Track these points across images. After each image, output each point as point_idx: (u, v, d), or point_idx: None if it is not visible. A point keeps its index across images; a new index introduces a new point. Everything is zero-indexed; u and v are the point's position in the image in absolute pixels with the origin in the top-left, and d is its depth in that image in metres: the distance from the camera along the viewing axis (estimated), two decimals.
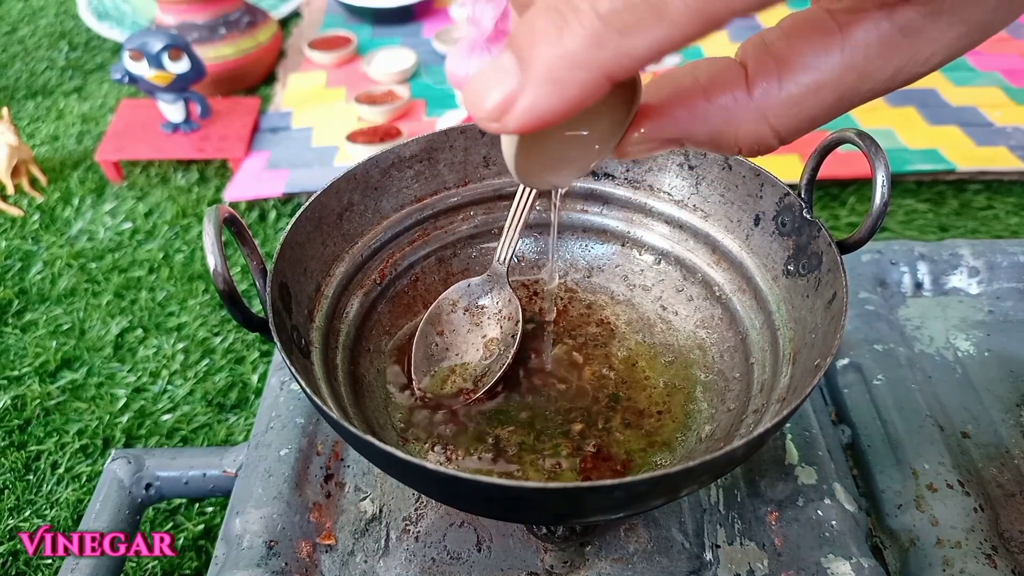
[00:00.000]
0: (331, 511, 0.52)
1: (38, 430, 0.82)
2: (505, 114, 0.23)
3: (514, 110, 0.23)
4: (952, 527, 0.50)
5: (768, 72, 0.24)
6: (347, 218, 0.51)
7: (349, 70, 1.41)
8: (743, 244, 0.51)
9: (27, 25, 1.71)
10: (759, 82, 0.24)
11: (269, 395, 0.60)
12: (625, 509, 0.38)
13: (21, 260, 1.06)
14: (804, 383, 0.40)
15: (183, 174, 1.21)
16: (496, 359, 0.52)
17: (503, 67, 0.23)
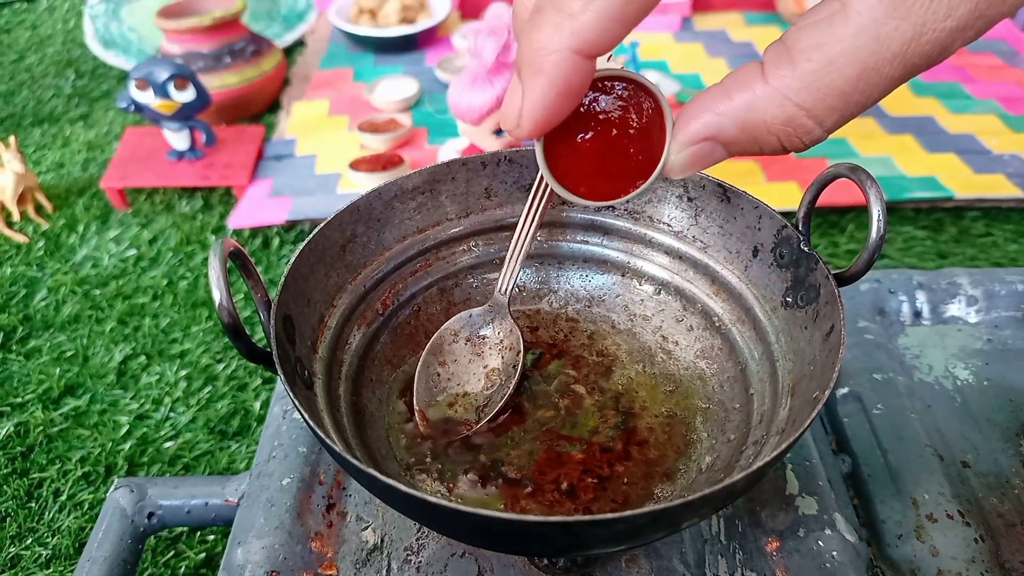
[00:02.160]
0: (333, 541, 0.53)
1: (41, 457, 0.83)
2: (521, 118, 0.28)
3: (524, 112, 0.28)
4: (953, 558, 0.50)
5: (780, 58, 0.26)
6: (350, 249, 0.52)
7: (352, 98, 1.43)
8: (742, 275, 0.51)
9: (34, 53, 1.73)
10: (773, 69, 0.26)
11: (272, 424, 0.60)
12: (626, 542, 0.38)
13: (26, 287, 1.06)
14: (803, 415, 0.40)
15: (187, 201, 1.22)
16: (498, 389, 0.52)
17: (513, 85, 0.28)
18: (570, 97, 0.28)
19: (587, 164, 0.32)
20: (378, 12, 1.60)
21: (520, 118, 0.28)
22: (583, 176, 0.33)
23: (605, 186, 0.33)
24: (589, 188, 0.33)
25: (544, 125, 0.28)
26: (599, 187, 0.33)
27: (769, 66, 0.26)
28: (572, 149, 0.32)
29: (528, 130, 0.28)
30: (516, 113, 0.28)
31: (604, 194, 0.34)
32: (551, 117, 0.28)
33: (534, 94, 0.27)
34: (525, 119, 0.28)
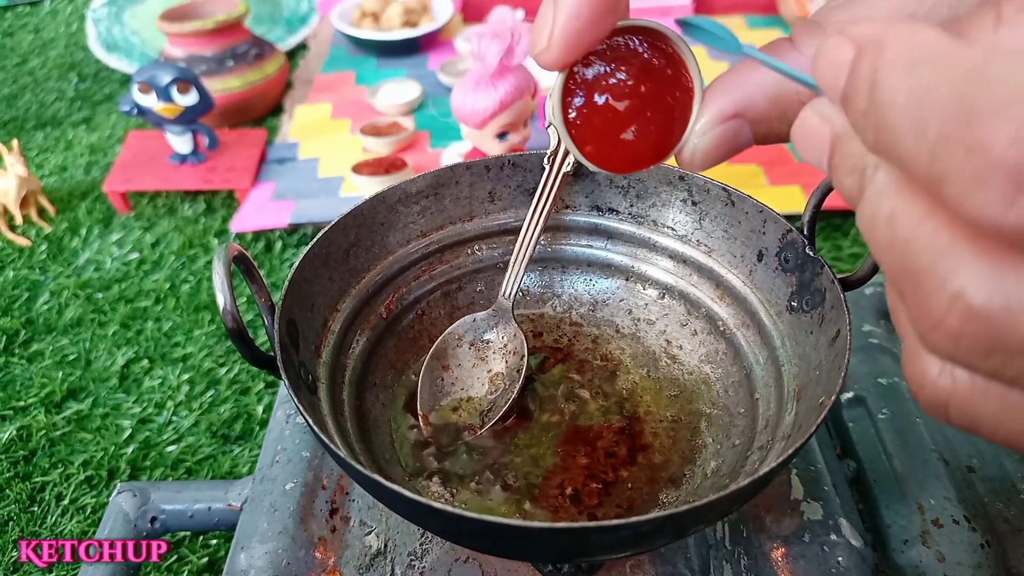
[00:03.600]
0: (336, 546, 0.52)
1: (43, 461, 0.83)
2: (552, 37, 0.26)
3: (555, 30, 0.26)
4: (959, 563, 0.50)
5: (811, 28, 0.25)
6: (353, 254, 0.52)
7: (355, 101, 1.43)
8: (747, 279, 0.51)
9: (37, 57, 1.73)
10: (804, 39, 0.26)
11: (275, 428, 0.60)
12: (631, 548, 0.38)
13: (28, 290, 1.06)
14: (809, 421, 0.40)
15: (190, 205, 1.22)
16: (501, 394, 0.52)
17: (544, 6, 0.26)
18: (605, 16, 0.26)
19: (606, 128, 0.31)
20: (381, 15, 1.60)
21: (551, 38, 0.26)
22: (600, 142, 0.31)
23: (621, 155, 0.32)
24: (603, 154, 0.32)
25: (576, 47, 0.27)
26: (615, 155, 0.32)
27: (801, 39, 0.25)
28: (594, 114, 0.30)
29: (558, 52, 0.26)
30: (547, 33, 0.26)
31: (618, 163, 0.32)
32: (584, 38, 0.26)
33: (567, 8, 0.25)
34: (556, 39, 0.26)
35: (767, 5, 1.70)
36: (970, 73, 0.15)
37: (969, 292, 0.16)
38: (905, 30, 0.17)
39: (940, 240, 0.16)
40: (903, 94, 0.16)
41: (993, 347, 0.16)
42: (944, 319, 0.16)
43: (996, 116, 0.14)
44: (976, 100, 0.14)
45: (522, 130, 0.96)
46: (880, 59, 0.17)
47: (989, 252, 0.15)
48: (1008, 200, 0.14)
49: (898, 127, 0.16)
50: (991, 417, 0.17)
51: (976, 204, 0.15)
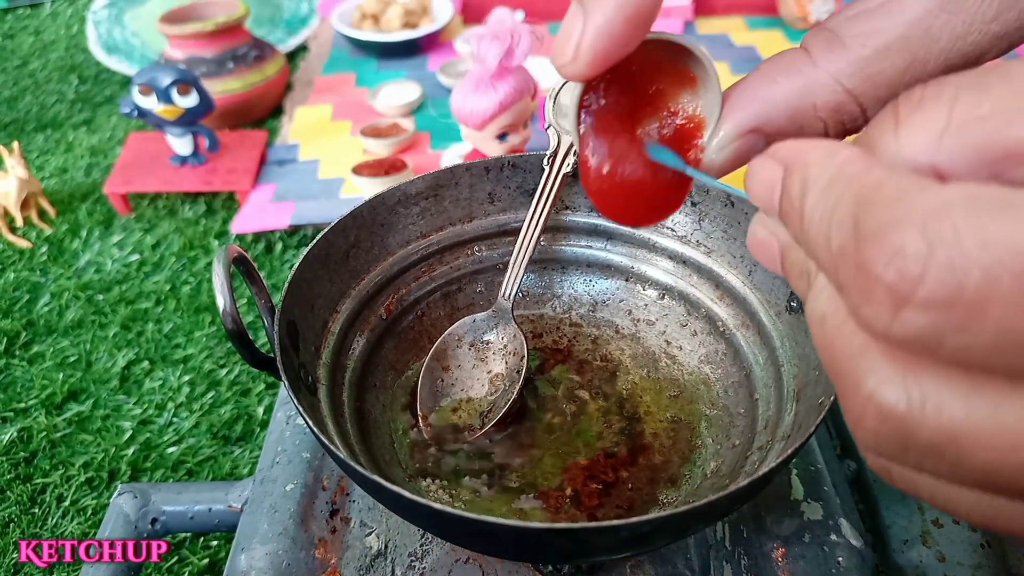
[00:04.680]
0: (336, 547, 0.52)
1: (44, 463, 0.83)
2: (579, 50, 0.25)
3: (584, 41, 0.25)
4: (959, 563, 0.50)
5: (830, 43, 0.25)
6: (354, 255, 0.52)
7: (355, 103, 1.43)
8: (746, 280, 0.51)
9: (38, 59, 1.73)
10: (824, 53, 0.25)
11: (275, 430, 0.60)
12: (631, 548, 0.38)
13: (29, 292, 1.07)
14: (808, 421, 0.40)
15: (190, 206, 1.22)
16: (502, 394, 0.52)
17: (571, 14, 0.25)
18: (638, 28, 0.25)
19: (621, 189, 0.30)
20: (381, 17, 1.60)
21: (578, 49, 0.25)
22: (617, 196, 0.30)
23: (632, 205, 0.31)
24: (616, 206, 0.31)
25: (604, 62, 0.25)
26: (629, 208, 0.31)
27: (817, 51, 0.25)
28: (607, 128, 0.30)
29: (586, 64, 0.25)
30: (574, 44, 0.25)
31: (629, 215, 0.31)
32: (614, 48, 0.25)
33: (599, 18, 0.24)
34: (585, 50, 0.25)
35: (767, 6, 1.71)
36: (864, 196, 0.16)
37: (878, 394, 0.16)
38: (823, 150, 0.18)
39: (856, 343, 0.17)
40: (818, 212, 0.18)
41: (906, 445, 0.16)
42: (862, 419, 0.17)
43: (875, 239, 0.15)
44: (864, 223, 0.16)
45: (522, 131, 0.96)
46: (807, 178, 0.18)
47: (894, 357, 0.16)
48: (890, 313, 0.15)
49: (815, 240, 0.18)
50: (926, 491, 0.18)
51: (866, 314, 0.16)
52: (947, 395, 0.15)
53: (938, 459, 0.16)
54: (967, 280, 0.14)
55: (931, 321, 0.15)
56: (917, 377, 0.16)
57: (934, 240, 0.14)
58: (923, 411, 0.16)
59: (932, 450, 0.16)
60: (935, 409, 0.16)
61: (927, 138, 0.17)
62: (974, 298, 0.14)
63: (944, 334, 0.15)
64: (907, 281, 0.15)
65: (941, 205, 0.14)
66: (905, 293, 0.15)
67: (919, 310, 0.15)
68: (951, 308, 0.14)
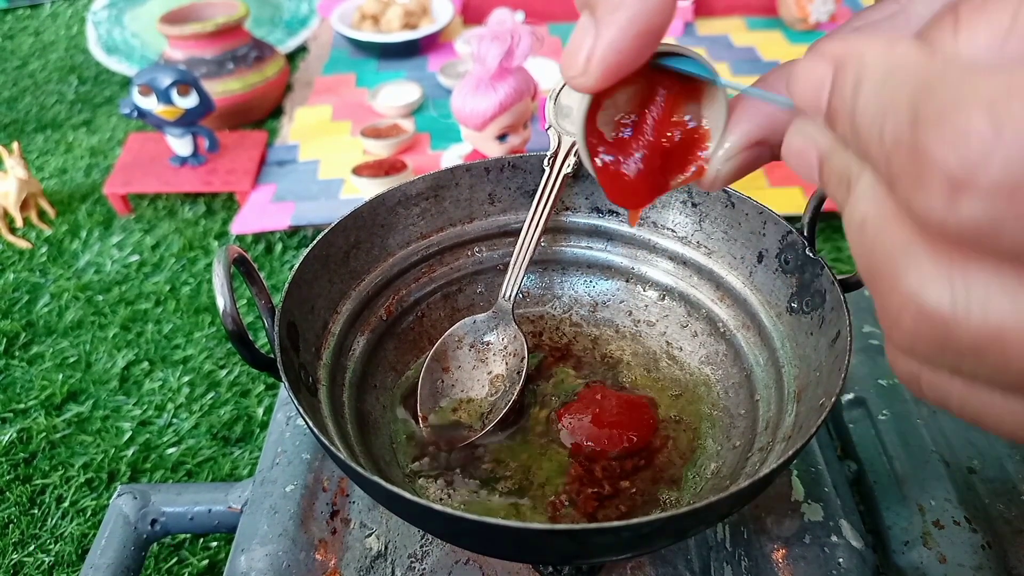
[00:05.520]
0: (336, 548, 0.52)
1: (43, 463, 0.83)
2: (590, 63, 0.24)
3: (595, 54, 0.24)
4: (960, 564, 0.50)
5: None
6: (354, 256, 0.52)
7: (355, 104, 1.43)
8: (746, 281, 0.51)
9: (38, 59, 1.73)
10: None
11: (275, 431, 0.60)
12: (632, 550, 0.38)
13: (28, 292, 1.06)
14: (809, 422, 0.40)
15: (190, 207, 1.22)
16: (502, 395, 0.52)
17: (582, 26, 0.24)
18: (649, 41, 0.24)
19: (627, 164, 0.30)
20: (380, 18, 1.60)
21: (589, 62, 0.24)
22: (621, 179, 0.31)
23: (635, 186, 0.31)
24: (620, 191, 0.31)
25: (615, 72, 0.25)
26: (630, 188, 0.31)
27: None
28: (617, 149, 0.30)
29: (597, 76, 0.25)
30: (585, 56, 0.24)
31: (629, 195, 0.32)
32: (625, 63, 0.24)
33: (611, 33, 0.24)
34: (596, 63, 0.24)
35: (767, 7, 1.71)
36: (925, 83, 0.15)
37: (920, 293, 0.16)
38: (883, 44, 0.17)
39: (898, 242, 0.17)
40: (874, 103, 0.17)
41: (945, 346, 0.16)
42: (899, 319, 0.17)
43: (937, 123, 0.14)
44: (924, 108, 0.15)
45: (522, 132, 0.96)
46: (862, 72, 0.18)
47: (940, 253, 0.16)
48: (947, 201, 0.14)
49: (868, 133, 0.17)
50: (956, 398, 0.18)
51: (920, 205, 0.15)
52: (995, 292, 0.15)
53: (979, 360, 0.16)
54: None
55: (992, 209, 0.14)
56: (964, 273, 0.15)
57: (1002, 121, 0.13)
58: (968, 308, 0.15)
59: (974, 350, 0.15)
60: (981, 307, 0.15)
61: (991, 38, 0.16)
62: None
63: (1004, 224, 0.14)
64: (970, 165, 0.14)
65: (1009, 87, 0.14)
66: (966, 179, 0.14)
67: (980, 197, 0.14)
68: (1016, 195, 0.13)
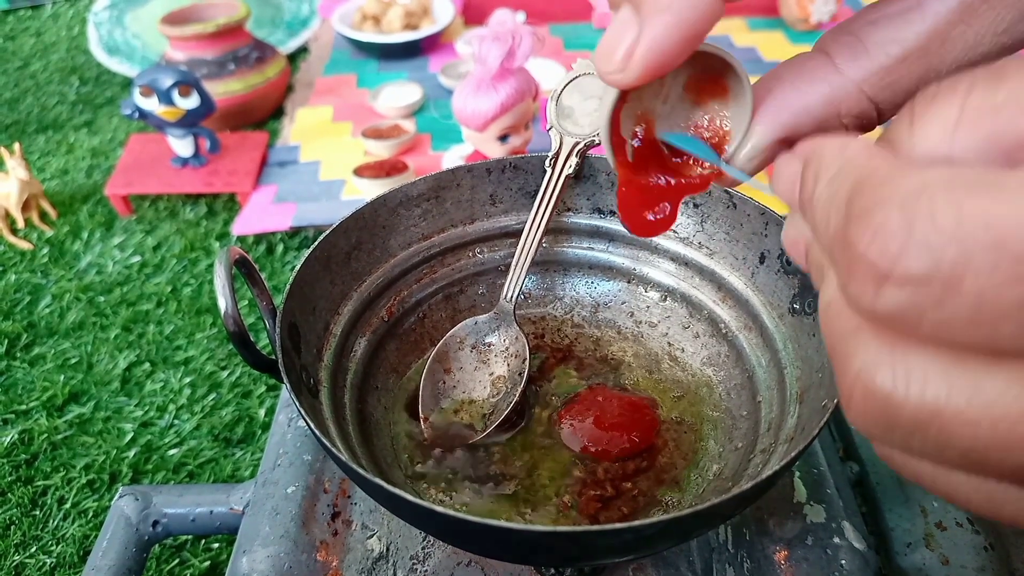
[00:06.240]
0: (338, 550, 0.52)
1: (45, 465, 0.83)
2: (630, 59, 0.24)
3: (637, 51, 0.24)
4: (963, 566, 0.50)
5: (853, 50, 0.25)
6: (355, 257, 0.52)
7: (356, 104, 1.43)
8: (748, 282, 0.51)
9: (39, 60, 1.74)
10: (848, 60, 0.25)
11: (276, 432, 0.60)
12: (634, 552, 0.38)
13: (30, 293, 1.07)
14: (812, 423, 0.40)
15: (192, 208, 1.22)
16: (503, 397, 0.52)
17: (623, 20, 0.24)
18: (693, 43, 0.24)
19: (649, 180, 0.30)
20: (381, 18, 1.60)
21: (630, 59, 0.24)
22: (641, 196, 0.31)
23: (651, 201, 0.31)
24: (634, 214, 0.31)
25: (655, 71, 0.24)
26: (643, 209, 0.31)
27: (841, 57, 0.25)
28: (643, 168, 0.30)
29: (636, 74, 0.24)
30: (626, 53, 0.24)
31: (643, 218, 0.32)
32: (666, 63, 0.24)
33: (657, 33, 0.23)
34: (638, 61, 0.24)
35: (768, 7, 1.71)
36: (859, 180, 0.17)
37: (864, 373, 0.17)
38: (838, 143, 0.19)
39: (849, 327, 0.17)
40: (824, 198, 0.18)
41: (893, 424, 0.17)
42: (851, 398, 0.17)
43: (861, 219, 0.16)
44: (854, 204, 0.16)
45: (523, 132, 0.96)
46: (819, 169, 0.19)
47: (882, 338, 0.17)
48: (873, 290, 0.15)
49: (820, 225, 0.18)
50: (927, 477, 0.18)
51: (852, 293, 0.16)
52: (930, 373, 0.16)
53: (923, 439, 0.16)
54: (943, 256, 0.14)
55: (910, 296, 0.15)
56: (902, 354, 0.16)
57: (912, 218, 0.15)
58: (907, 388, 0.16)
59: (916, 429, 0.16)
60: (918, 387, 0.16)
61: (941, 131, 0.17)
62: (950, 273, 0.14)
63: (923, 309, 0.15)
64: (887, 258, 0.15)
65: (922, 185, 0.15)
66: (885, 269, 0.15)
67: (898, 286, 0.15)
68: (928, 283, 0.14)
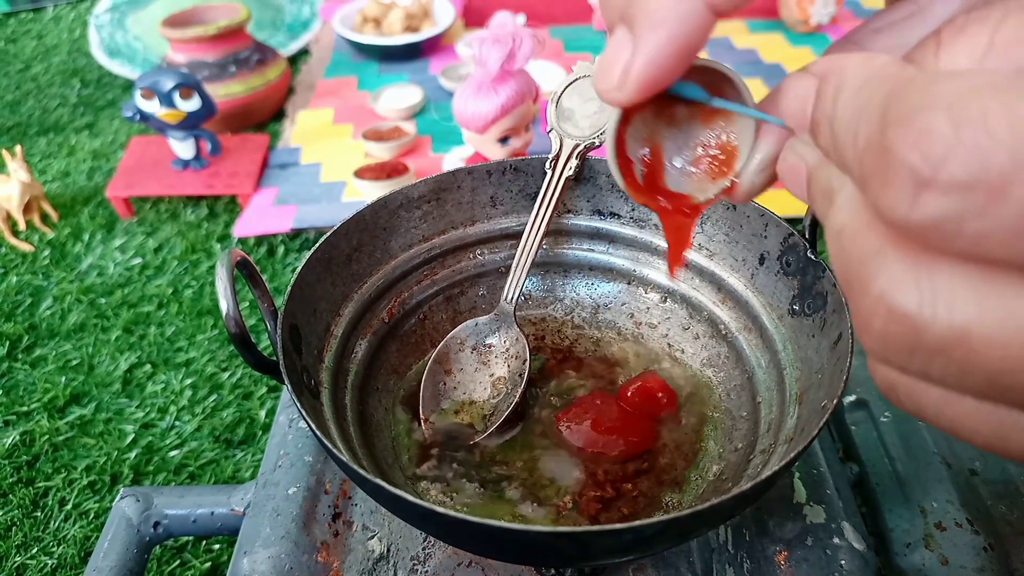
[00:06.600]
0: (339, 551, 0.52)
1: (46, 466, 0.83)
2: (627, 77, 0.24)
3: (633, 69, 0.24)
4: (962, 567, 0.50)
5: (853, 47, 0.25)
6: (356, 259, 0.52)
7: (356, 106, 1.43)
8: (748, 283, 0.51)
9: (40, 63, 1.74)
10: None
11: (277, 433, 0.60)
12: (634, 552, 0.38)
13: (31, 295, 1.07)
14: (811, 424, 0.40)
15: (193, 210, 1.22)
16: (504, 398, 0.52)
17: (618, 40, 0.24)
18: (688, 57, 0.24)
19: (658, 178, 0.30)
20: (382, 21, 1.60)
21: (627, 76, 0.24)
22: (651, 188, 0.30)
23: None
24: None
25: (652, 87, 0.24)
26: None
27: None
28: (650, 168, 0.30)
29: (634, 91, 0.24)
30: (622, 70, 0.24)
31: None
32: (662, 79, 0.24)
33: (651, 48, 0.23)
34: (634, 78, 0.24)
35: (768, 8, 1.71)
36: (895, 88, 0.16)
37: (889, 295, 0.16)
38: (862, 57, 0.18)
39: (870, 247, 0.17)
40: (851, 109, 0.17)
41: (914, 348, 0.16)
42: (870, 323, 0.17)
43: (902, 124, 0.15)
44: (892, 111, 0.16)
45: (524, 134, 0.96)
46: (842, 83, 0.18)
47: (908, 256, 0.16)
48: (911, 198, 0.15)
49: (844, 138, 0.17)
50: (932, 407, 0.18)
51: (887, 203, 0.16)
52: (960, 291, 0.15)
53: (946, 361, 0.16)
54: (992, 161, 0.14)
55: (953, 204, 0.14)
56: (930, 273, 0.16)
57: (961, 121, 0.14)
58: (934, 308, 0.15)
59: (941, 351, 0.16)
60: (947, 306, 0.15)
61: (969, 59, 0.16)
62: (998, 180, 0.14)
63: (965, 218, 0.14)
64: (931, 162, 0.14)
65: (971, 88, 0.14)
66: (928, 175, 0.14)
67: (941, 192, 0.14)
68: (974, 190, 0.14)
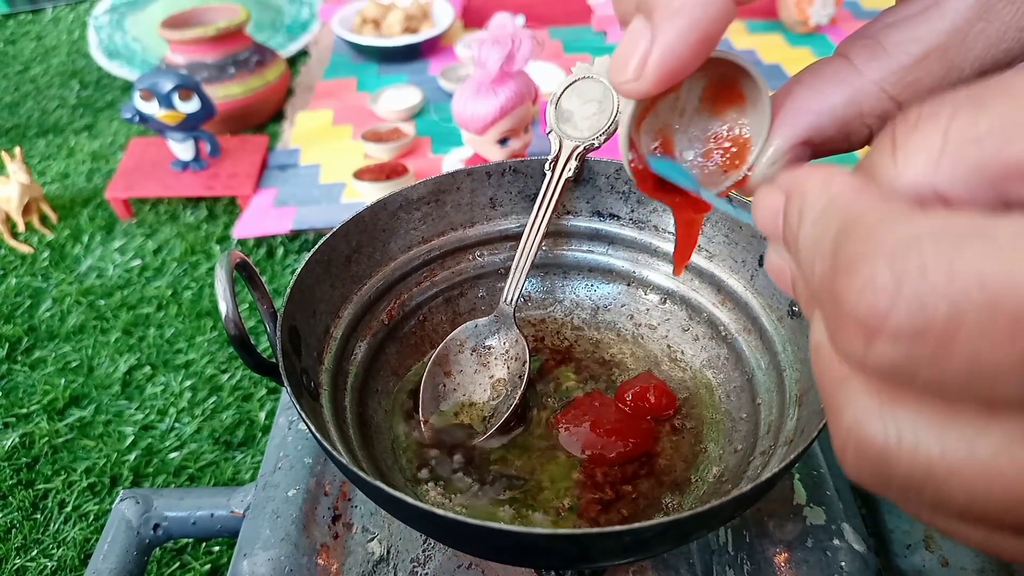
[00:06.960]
0: (338, 553, 0.52)
1: (46, 468, 0.83)
2: (644, 67, 0.24)
3: (651, 58, 0.23)
4: (962, 568, 0.50)
5: (872, 51, 0.25)
6: (355, 260, 0.52)
7: (356, 108, 1.43)
8: (748, 284, 0.51)
9: (39, 64, 1.74)
10: (867, 61, 0.25)
11: (277, 435, 0.60)
12: (634, 554, 0.38)
13: (31, 297, 1.07)
14: (811, 426, 0.40)
15: (192, 211, 1.22)
16: (503, 399, 0.52)
17: (635, 30, 0.24)
18: (706, 48, 0.24)
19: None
20: (381, 22, 1.60)
21: (644, 67, 0.23)
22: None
23: None
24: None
25: (670, 78, 0.24)
26: None
27: (860, 59, 0.25)
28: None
29: (652, 82, 0.24)
30: (640, 61, 0.23)
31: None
32: (681, 69, 0.24)
33: (669, 38, 0.23)
34: (652, 68, 0.23)
35: (767, 9, 1.71)
36: (845, 226, 0.16)
37: (856, 427, 0.16)
38: (821, 178, 0.18)
39: (839, 375, 0.17)
40: (810, 240, 0.17)
41: (887, 479, 0.16)
42: (844, 452, 0.17)
43: (849, 272, 0.15)
44: (842, 254, 0.16)
45: (523, 136, 0.96)
46: (803, 206, 0.18)
47: (871, 387, 0.16)
48: (863, 344, 0.15)
49: (806, 270, 0.18)
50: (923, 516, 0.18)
51: (841, 345, 0.16)
52: (923, 429, 0.15)
53: (919, 494, 0.16)
54: (934, 314, 0.14)
55: (902, 353, 0.14)
56: (894, 410, 0.16)
57: (902, 274, 0.14)
58: (899, 446, 0.15)
59: (911, 485, 0.16)
60: (911, 444, 0.15)
61: (925, 161, 0.16)
62: (942, 331, 0.14)
63: (916, 366, 0.14)
64: (876, 314, 0.14)
65: (911, 238, 0.14)
66: (875, 325, 0.15)
67: (889, 342, 0.14)
68: (920, 341, 0.14)
